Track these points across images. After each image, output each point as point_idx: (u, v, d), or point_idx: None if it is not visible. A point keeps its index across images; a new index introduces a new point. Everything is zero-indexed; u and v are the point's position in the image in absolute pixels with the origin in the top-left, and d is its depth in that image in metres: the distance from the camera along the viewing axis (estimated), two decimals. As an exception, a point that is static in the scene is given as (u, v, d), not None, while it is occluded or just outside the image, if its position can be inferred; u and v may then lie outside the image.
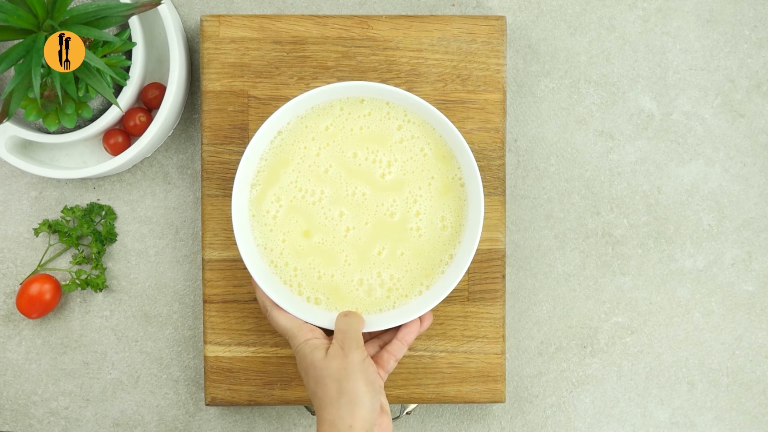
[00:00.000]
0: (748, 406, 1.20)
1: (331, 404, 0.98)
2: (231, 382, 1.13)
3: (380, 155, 1.07)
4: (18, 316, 1.18)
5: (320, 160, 1.07)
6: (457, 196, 1.07)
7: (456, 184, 1.07)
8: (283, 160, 1.07)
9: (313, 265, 1.07)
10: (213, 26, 1.12)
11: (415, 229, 1.07)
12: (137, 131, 1.13)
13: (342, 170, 1.07)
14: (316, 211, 1.07)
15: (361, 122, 1.07)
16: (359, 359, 1.00)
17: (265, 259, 1.07)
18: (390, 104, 1.07)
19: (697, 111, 1.19)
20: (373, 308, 1.07)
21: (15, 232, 1.18)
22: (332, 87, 1.05)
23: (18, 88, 1.01)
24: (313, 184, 1.07)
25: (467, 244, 1.06)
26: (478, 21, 1.13)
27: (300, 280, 1.07)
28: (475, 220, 1.06)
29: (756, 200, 1.19)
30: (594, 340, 1.19)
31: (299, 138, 1.07)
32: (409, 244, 1.07)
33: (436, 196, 1.07)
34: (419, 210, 1.07)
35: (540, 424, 1.19)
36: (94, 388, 1.18)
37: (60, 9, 1.00)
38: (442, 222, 1.07)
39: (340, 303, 1.07)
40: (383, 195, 1.07)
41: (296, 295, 1.07)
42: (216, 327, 1.13)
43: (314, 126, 1.07)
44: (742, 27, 1.19)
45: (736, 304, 1.19)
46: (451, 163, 1.07)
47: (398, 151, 1.07)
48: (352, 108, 1.07)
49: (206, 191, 1.13)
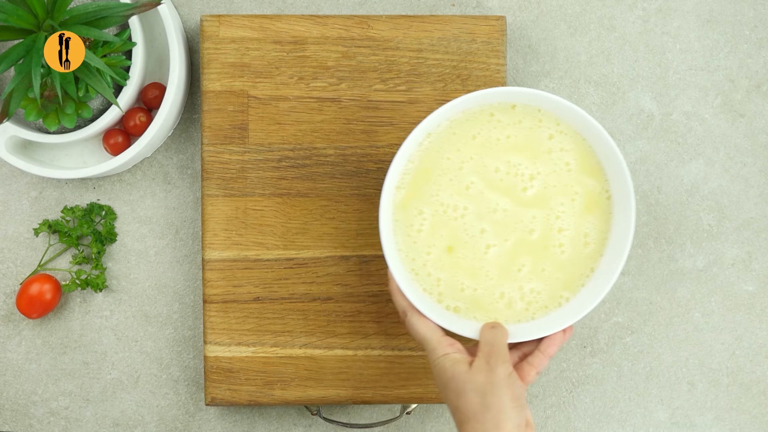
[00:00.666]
0: (748, 406, 1.20)
1: (475, 419, 0.95)
2: (231, 382, 1.13)
3: (522, 168, 1.05)
4: (18, 316, 1.18)
5: (462, 174, 1.05)
6: (603, 211, 1.06)
7: (602, 197, 1.06)
8: (427, 168, 1.05)
9: (457, 277, 1.05)
10: (213, 26, 1.12)
11: (557, 245, 1.06)
12: (137, 131, 1.13)
13: (484, 185, 1.05)
14: (458, 227, 1.05)
15: (509, 130, 1.05)
16: (505, 373, 0.97)
17: (406, 266, 1.06)
18: (542, 111, 1.05)
19: (697, 111, 1.19)
20: (511, 319, 1.05)
21: (15, 232, 1.18)
22: (484, 93, 1.03)
23: (18, 88, 1.01)
24: (455, 199, 1.05)
25: (612, 257, 1.05)
26: (478, 21, 1.13)
27: (442, 290, 1.05)
28: (623, 235, 1.04)
29: (756, 200, 1.19)
30: (594, 340, 1.19)
31: (445, 146, 1.05)
32: (550, 261, 1.06)
33: (579, 212, 1.06)
34: (561, 227, 1.06)
35: (540, 424, 1.19)
36: (94, 388, 1.18)
37: (60, 9, 1.00)
38: (585, 239, 1.06)
39: (479, 312, 1.05)
40: (524, 211, 1.05)
41: (436, 303, 1.05)
42: (216, 327, 1.13)
43: (462, 133, 1.05)
44: (742, 27, 1.19)
45: (736, 304, 1.19)
46: (597, 176, 1.06)
47: (542, 163, 1.05)
48: (503, 114, 1.05)
49: (206, 191, 1.13)
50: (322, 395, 1.14)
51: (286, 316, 1.14)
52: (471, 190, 1.05)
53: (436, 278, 1.05)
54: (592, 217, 1.06)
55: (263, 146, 1.13)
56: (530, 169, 1.06)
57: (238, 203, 1.13)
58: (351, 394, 1.14)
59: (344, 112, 1.13)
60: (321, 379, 1.14)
